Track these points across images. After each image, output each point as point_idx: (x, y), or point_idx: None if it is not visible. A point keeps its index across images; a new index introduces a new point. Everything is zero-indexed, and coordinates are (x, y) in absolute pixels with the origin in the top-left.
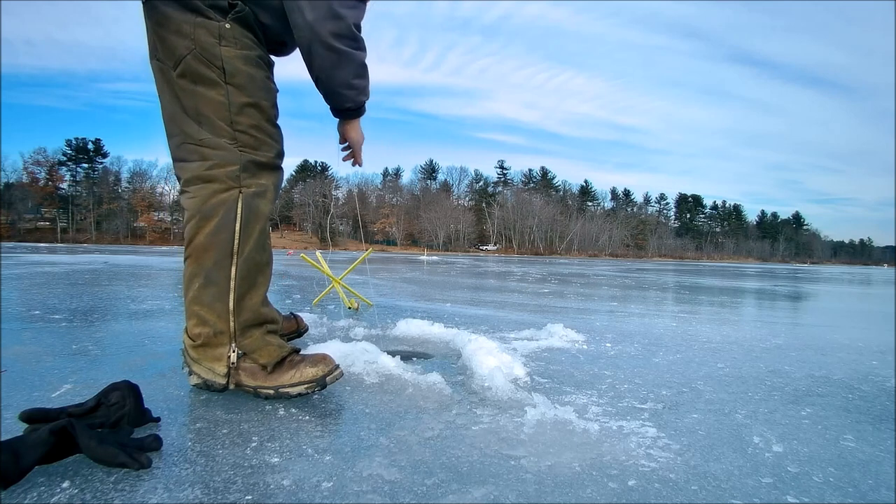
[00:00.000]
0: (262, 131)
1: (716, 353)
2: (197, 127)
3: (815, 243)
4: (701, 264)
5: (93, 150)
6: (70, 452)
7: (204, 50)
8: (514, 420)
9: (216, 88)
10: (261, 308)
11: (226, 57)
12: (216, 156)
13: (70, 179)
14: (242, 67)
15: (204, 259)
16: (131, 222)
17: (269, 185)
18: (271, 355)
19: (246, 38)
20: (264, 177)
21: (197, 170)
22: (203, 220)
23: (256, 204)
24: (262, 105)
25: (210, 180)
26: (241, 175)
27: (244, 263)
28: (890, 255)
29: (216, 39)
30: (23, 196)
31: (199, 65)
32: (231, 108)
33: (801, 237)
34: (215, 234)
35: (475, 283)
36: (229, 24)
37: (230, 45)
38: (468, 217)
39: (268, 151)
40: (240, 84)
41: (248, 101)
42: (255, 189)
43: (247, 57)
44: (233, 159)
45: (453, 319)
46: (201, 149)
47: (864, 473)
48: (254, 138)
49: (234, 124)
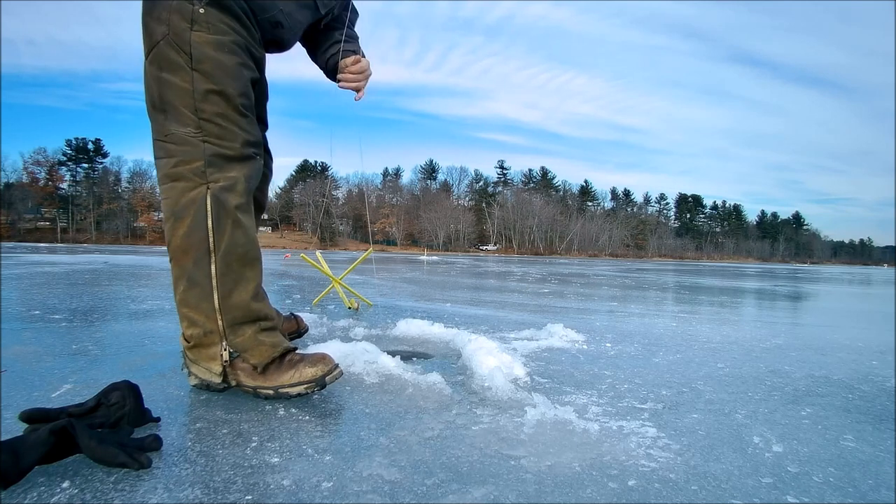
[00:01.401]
0: (228, 119)
1: (716, 353)
2: (163, 118)
3: (815, 243)
4: (701, 264)
5: (93, 150)
6: (70, 452)
7: (176, 35)
8: (514, 420)
9: (181, 74)
10: (251, 304)
11: (195, 42)
12: (180, 152)
13: (70, 179)
14: (211, 53)
15: (184, 261)
16: (131, 222)
17: (238, 178)
18: (262, 355)
19: (222, 23)
20: (233, 169)
21: (164, 167)
22: (176, 221)
23: (225, 198)
24: (229, 93)
25: (177, 178)
26: (207, 170)
27: (223, 260)
28: (890, 255)
29: (188, 24)
30: (23, 196)
31: (169, 50)
32: (195, 94)
33: (801, 237)
34: (189, 235)
35: (475, 283)
36: (203, 8)
37: (202, 29)
38: (468, 217)
39: (233, 142)
40: (206, 70)
41: (212, 87)
42: (223, 183)
43: (218, 42)
44: (197, 154)
45: (453, 319)
46: (167, 145)
47: (864, 473)
48: (219, 127)
49: (198, 112)
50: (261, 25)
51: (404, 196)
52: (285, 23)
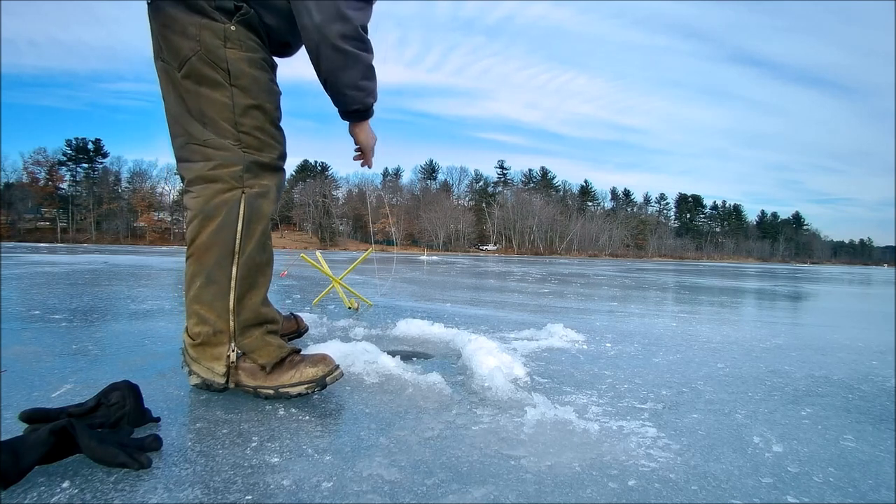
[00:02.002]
0: (266, 133)
1: (716, 353)
2: (201, 128)
3: (815, 243)
4: (701, 264)
5: (93, 150)
6: (70, 452)
7: (209, 52)
8: (514, 420)
9: (221, 90)
10: (261, 308)
11: (230, 59)
12: (220, 156)
13: (70, 179)
14: (247, 69)
15: (205, 258)
16: (131, 222)
17: (271, 186)
18: (270, 355)
19: (251, 40)
20: (267, 178)
21: (201, 170)
22: (206, 219)
23: (259, 204)
24: (266, 107)
25: (213, 180)
26: (244, 175)
27: (245, 263)
28: (890, 255)
29: (221, 41)
30: (23, 196)
31: (203, 66)
32: (235, 109)
33: (801, 237)
34: (217, 233)
35: (475, 283)
36: (234, 26)
37: (235, 47)
38: (468, 217)
39: (270, 153)
40: (244, 86)
41: (252, 103)
42: (257, 189)
43: (251, 59)
44: (236, 160)
45: (453, 319)
46: (205, 149)
47: (864, 473)
48: (257, 140)
49: (238, 126)
50: (272, 41)
51: (404, 196)
52: (293, 43)
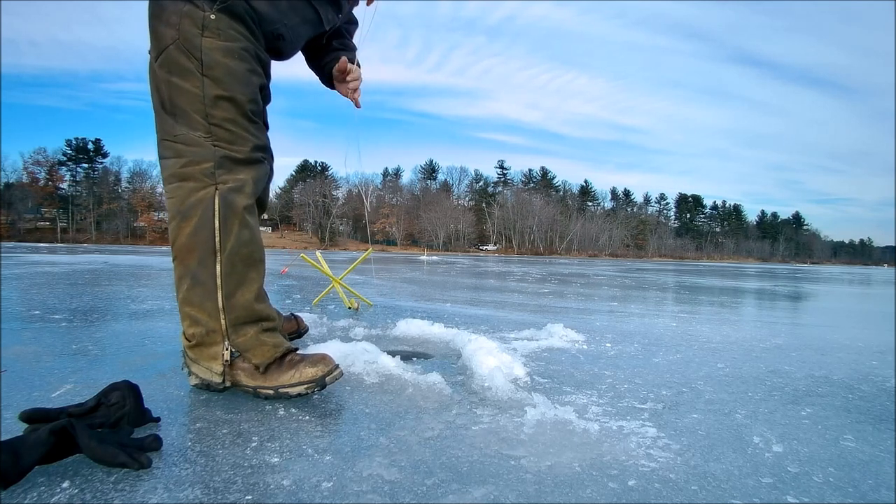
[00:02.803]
0: (238, 125)
1: (716, 353)
2: (172, 121)
3: (815, 243)
4: (701, 264)
5: (93, 150)
6: (70, 452)
7: (186, 40)
8: (514, 420)
9: (192, 79)
10: (254, 305)
11: (205, 48)
12: (190, 153)
13: (70, 179)
14: (221, 59)
15: (188, 260)
16: (131, 222)
17: (246, 180)
18: (264, 355)
19: (232, 29)
20: (242, 171)
21: (173, 167)
22: (182, 220)
23: (233, 199)
24: (238, 99)
25: (185, 178)
26: (217, 172)
27: (228, 260)
28: (890, 255)
29: (199, 30)
30: (23, 196)
31: (179, 55)
32: (205, 100)
33: (801, 237)
34: (195, 234)
35: (475, 283)
36: (214, 14)
37: (213, 36)
38: (468, 217)
39: (243, 146)
40: (216, 77)
41: (222, 94)
42: (231, 184)
43: (228, 49)
44: (207, 155)
45: (453, 319)
46: (176, 145)
47: (864, 473)
48: (228, 132)
49: (209, 117)
50: (263, 35)
51: (404, 196)
52: (287, 35)
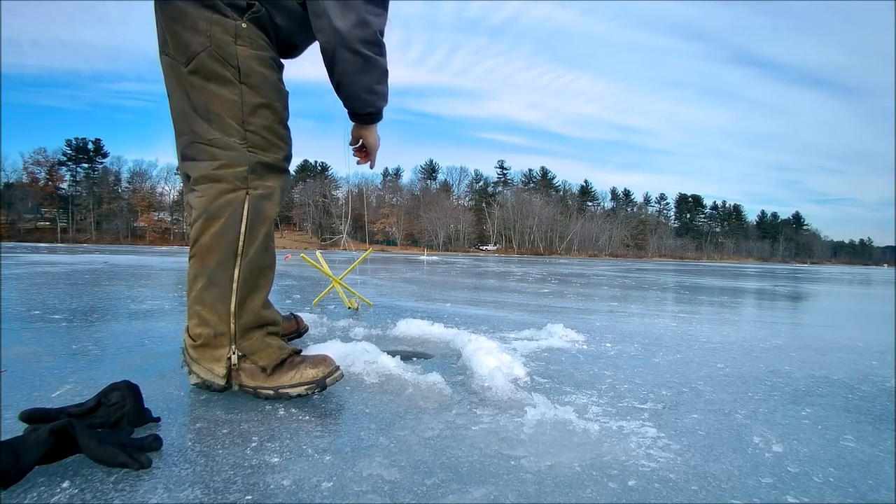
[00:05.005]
0: (273, 133)
1: (716, 353)
2: (206, 126)
3: (815, 243)
4: (701, 264)
5: (93, 150)
6: (70, 452)
7: (219, 48)
8: (514, 420)
9: (230, 87)
10: (262, 310)
11: (241, 56)
12: (225, 156)
13: (70, 179)
14: (257, 68)
15: (208, 259)
16: (131, 222)
17: (275, 188)
18: (271, 357)
19: (261, 38)
20: (272, 179)
21: (205, 169)
22: (209, 220)
23: (263, 206)
24: (275, 106)
25: (218, 180)
26: (249, 176)
27: (247, 266)
28: (890, 256)
29: (232, 38)
30: (23, 196)
31: (213, 62)
32: (244, 107)
33: (801, 237)
34: (220, 234)
35: (475, 283)
36: (245, 23)
37: (245, 44)
38: (468, 217)
39: (276, 153)
40: (254, 84)
41: (261, 101)
42: (262, 191)
43: (261, 58)
44: (241, 160)
45: (453, 319)
46: (210, 148)
47: (864, 473)
48: (264, 139)
49: (246, 124)
50: (279, 42)
51: (404, 196)
52: (300, 44)
